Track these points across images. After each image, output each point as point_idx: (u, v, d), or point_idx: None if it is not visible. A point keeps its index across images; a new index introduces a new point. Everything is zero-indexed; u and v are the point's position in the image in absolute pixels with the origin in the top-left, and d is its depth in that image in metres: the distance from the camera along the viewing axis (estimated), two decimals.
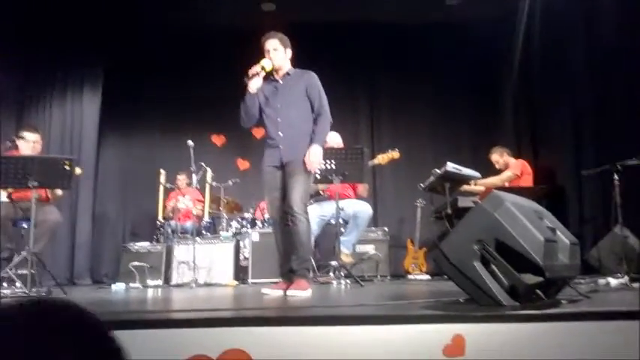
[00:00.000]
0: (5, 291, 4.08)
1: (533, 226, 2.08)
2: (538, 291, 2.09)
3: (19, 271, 4.23)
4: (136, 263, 5.53)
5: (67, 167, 4.27)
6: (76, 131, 7.13)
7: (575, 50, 5.47)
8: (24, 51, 6.72)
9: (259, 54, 3.61)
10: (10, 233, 4.58)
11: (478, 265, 2.08)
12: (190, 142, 5.47)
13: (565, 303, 2.11)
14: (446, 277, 2.23)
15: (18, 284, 4.16)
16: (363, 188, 5.27)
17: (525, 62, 6.38)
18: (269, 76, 3.66)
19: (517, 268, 2.05)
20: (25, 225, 4.65)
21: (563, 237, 2.35)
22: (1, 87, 6.32)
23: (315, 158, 3.46)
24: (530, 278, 2.03)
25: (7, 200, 4.59)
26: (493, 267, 2.08)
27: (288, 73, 3.65)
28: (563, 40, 5.67)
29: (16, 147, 4.74)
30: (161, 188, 6.50)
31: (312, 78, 3.63)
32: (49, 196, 4.80)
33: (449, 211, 4.88)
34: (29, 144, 4.72)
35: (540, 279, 2.03)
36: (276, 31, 3.67)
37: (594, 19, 5.18)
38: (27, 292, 3.89)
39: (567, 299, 2.21)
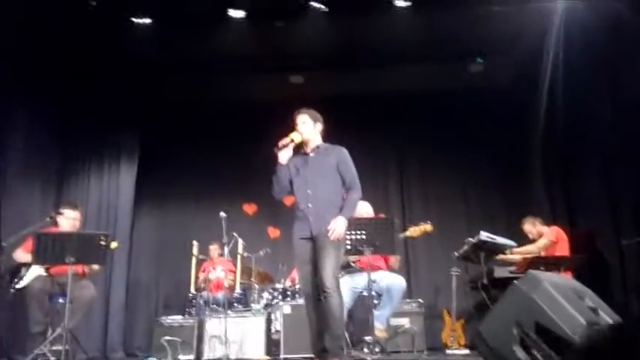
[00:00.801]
0: None
1: (573, 308, 2.01)
2: None
3: (54, 347, 4.26)
4: (168, 338, 5.50)
5: (103, 243, 4.36)
6: (112, 202, 7.25)
7: (601, 107, 5.44)
8: (62, 122, 6.99)
9: (289, 125, 3.75)
10: (46, 308, 4.63)
11: (518, 350, 2.01)
12: (223, 214, 5.53)
13: None
14: None
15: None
16: (394, 260, 5.17)
17: (551, 123, 6.33)
18: (300, 150, 3.76)
19: (559, 353, 1.96)
20: (61, 300, 4.70)
21: (606, 316, 2.25)
22: (40, 161, 6.59)
23: (339, 229, 3.47)
24: None
25: (44, 274, 4.67)
26: (534, 351, 2.00)
27: (318, 147, 3.74)
28: (587, 97, 5.66)
29: (55, 223, 4.87)
30: (193, 259, 6.54)
31: (343, 153, 3.70)
32: (86, 270, 4.88)
33: (485, 281, 4.77)
34: (69, 221, 4.85)
35: None
36: (307, 107, 3.81)
37: (619, 72, 5.17)
38: None
39: None
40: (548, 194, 6.60)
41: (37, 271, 4.64)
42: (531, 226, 5.59)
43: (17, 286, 4.59)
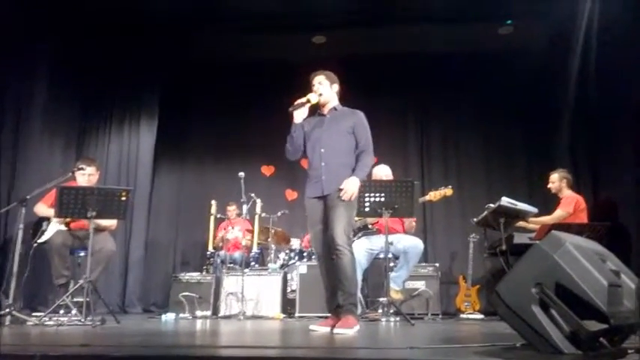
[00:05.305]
0: (62, 318, 4.19)
1: (595, 269, 1.97)
2: (602, 339, 1.96)
3: (75, 299, 4.35)
4: (185, 294, 5.60)
5: (124, 198, 4.39)
6: (132, 160, 7.29)
7: (636, 75, 5.23)
8: (83, 78, 6.97)
9: (310, 86, 3.70)
10: (67, 261, 4.71)
11: (537, 310, 1.98)
12: (241, 174, 5.55)
13: (632, 352, 1.96)
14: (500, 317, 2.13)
15: (74, 311, 4.27)
16: (410, 223, 5.13)
17: (582, 89, 6.12)
18: (317, 111, 3.73)
19: (579, 314, 1.93)
20: (82, 253, 4.79)
21: (628, 280, 2.21)
22: (61, 116, 6.61)
23: (351, 189, 3.44)
24: (593, 325, 1.91)
25: (64, 229, 4.74)
26: (553, 312, 1.97)
27: (335, 108, 3.72)
28: (622, 64, 5.44)
29: (74, 178, 4.92)
30: (212, 219, 6.60)
31: (360, 117, 3.67)
32: (105, 225, 4.93)
33: (504, 247, 4.71)
34: (84, 176, 4.88)
35: (604, 326, 1.91)
36: (325, 68, 3.77)
37: None
38: (82, 319, 3.98)
39: (634, 348, 2.06)
40: (573, 162, 6.45)
41: (57, 226, 4.71)
42: (557, 180, 5.40)
43: (39, 240, 4.66)
